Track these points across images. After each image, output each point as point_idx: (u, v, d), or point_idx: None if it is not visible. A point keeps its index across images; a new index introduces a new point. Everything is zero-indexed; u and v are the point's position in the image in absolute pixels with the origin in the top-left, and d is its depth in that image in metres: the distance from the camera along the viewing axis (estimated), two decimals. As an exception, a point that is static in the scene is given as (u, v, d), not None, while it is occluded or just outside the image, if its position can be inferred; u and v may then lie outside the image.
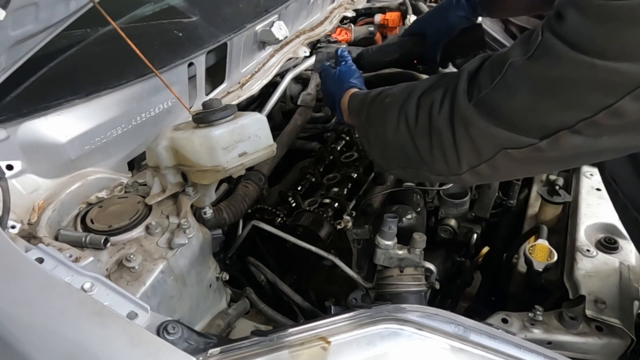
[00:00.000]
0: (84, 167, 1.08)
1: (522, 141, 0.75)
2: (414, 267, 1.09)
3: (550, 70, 0.69)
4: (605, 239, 1.28)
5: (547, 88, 0.70)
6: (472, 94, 0.79)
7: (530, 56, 0.71)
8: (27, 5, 0.75)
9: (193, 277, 1.03)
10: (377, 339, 0.70)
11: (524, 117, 0.74)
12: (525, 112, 0.74)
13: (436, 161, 0.87)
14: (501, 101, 0.76)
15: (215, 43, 1.31)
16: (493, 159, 0.79)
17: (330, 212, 1.29)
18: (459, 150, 0.82)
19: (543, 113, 0.72)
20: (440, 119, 0.83)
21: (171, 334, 0.69)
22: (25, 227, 0.94)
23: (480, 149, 0.80)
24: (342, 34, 2.00)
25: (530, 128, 0.74)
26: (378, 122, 0.99)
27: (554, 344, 1.08)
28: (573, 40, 0.65)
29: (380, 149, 1.01)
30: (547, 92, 0.70)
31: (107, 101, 1.07)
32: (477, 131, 0.79)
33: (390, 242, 1.08)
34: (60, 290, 0.70)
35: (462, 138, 0.81)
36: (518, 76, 0.73)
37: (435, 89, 0.87)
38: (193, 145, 0.96)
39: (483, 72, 0.80)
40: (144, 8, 1.32)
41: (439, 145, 0.85)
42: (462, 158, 0.83)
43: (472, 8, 1.29)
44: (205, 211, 1.12)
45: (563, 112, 0.70)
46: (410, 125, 0.89)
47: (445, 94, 0.84)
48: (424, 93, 0.89)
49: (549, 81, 0.70)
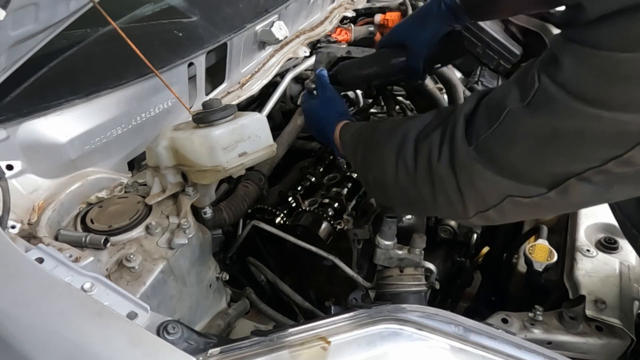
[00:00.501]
0: (84, 167, 1.08)
1: (529, 191, 0.72)
2: (414, 267, 1.09)
3: (551, 120, 0.66)
4: (605, 239, 1.28)
5: (550, 138, 0.67)
6: (471, 138, 0.76)
7: (528, 103, 0.68)
8: (27, 5, 0.75)
9: (193, 277, 1.03)
10: (377, 339, 0.70)
11: (528, 166, 0.71)
12: (529, 161, 0.71)
13: (442, 206, 0.84)
14: (502, 149, 0.73)
15: (215, 43, 1.31)
16: (500, 205, 0.77)
17: (330, 212, 1.29)
18: (464, 197, 0.79)
19: (548, 163, 0.69)
20: (440, 166, 0.80)
21: (171, 334, 0.69)
22: (25, 227, 0.94)
23: (485, 196, 0.77)
24: (342, 34, 2.00)
25: (536, 177, 0.71)
26: (375, 166, 0.95)
27: (554, 344, 1.08)
28: (575, 90, 0.62)
29: (381, 190, 0.97)
30: (550, 141, 0.67)
31: (107, 101, 1.07)
32: (482, 180, 0.76)
33: (390, 242, 1.08)
34: (60, 290, 0.70)
35: (466, 185, 0.78)
36: (518, 124, 0.70)
37: (431, 132, 0.83)
38: (193, 145, 0.96)
39: (480, 115, 0.76)
40: (144, 8, 1.32)
41: (443, 191, 0.81)
42: (468, 204, 0.80)
43: (454, 14, 1.18)
44: (205, 211, 1.12)
45: (570, 162, 0.67)
46: (410, 172, 0.86)
47: (443, 139, 0.80)
48: (420, 137, 0.85)
49: (552, 131, 0.66)
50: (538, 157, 0.69)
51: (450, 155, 0.78)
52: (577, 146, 0.65)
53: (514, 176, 0.72)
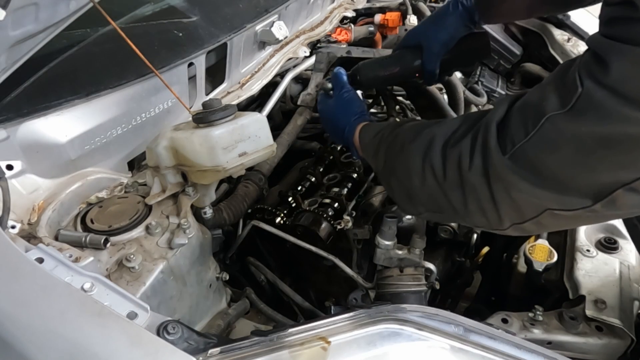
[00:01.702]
0: (84, 167, 1.08)
1: (572, 203, 0.68)
2: (414, 267, 1.09)
3: (598, 126, 0.61)
4: (605, 239, 1.28)
5: (596, 145, 0.63)
6: (505, 146, 0.71)
7: (570, 108, 0.63)
8: (27, 5, 0.75)
9: (193, 277, 1.03)
10: (377, 339, 0.70)
11: (571, 177, 0.67)
12: (572, 171, 0.66)
13: (473, 215, 0.80)
14: (541, 158, 0.68)
15: (215, 43, 1.31)
16: (538, 217, 0.73)
17: (330, 212, 1.29)
18: (499, 209, 0.75)
19: (594, 172, 0.65)
20: (473, 174, 0.75)
21: (171, 334, 0.69)
22: (25, 227, 0.94)
23: (522, 208, 0.73)
24: (342, 34, 2.00)
25: (580, 188, 0.67)
26: (400, 170, 0.91)
27: (554, 344, 1.08)
28: (627, 94, 0.58)
29: (405, 194, 0.94)
30: (596, 149, 0.63)
31: (107, 101, 1.07)
32: (518, 192, 0.71)
33: (390, 242, 1.08)
34: (60, 290, 0.70)
35: (502, 197, 0.74)
36: (559, 132, 0.65)
37: (461, 139, 0.79)
38: (193, 145, 0.96)
39: (513, 121, 0.72)
40: (144, 8, 1.32)
41: (475, 200, 0.77)
42: (503, 216, 0.76)
43: (470, 15, 1.17)
44: (205, 211, 1.12)
45: (618, 172, 0.63)
46: (439, 178, 0.82)
47: (474, 147, 0.76)
48: (448, 143, 0.81)
49: (599, 138, 0.62)
50: (582, 167, 0.65)
51: (483, 164, 0.74)
52: (626, 154, 0.62)
53: (554, 188, 0.68)
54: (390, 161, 0.95)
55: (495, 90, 1.92)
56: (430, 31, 1.21)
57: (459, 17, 1.17)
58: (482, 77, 1.94)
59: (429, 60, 1.21)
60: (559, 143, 0.66)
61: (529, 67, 1.99)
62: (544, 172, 0.69)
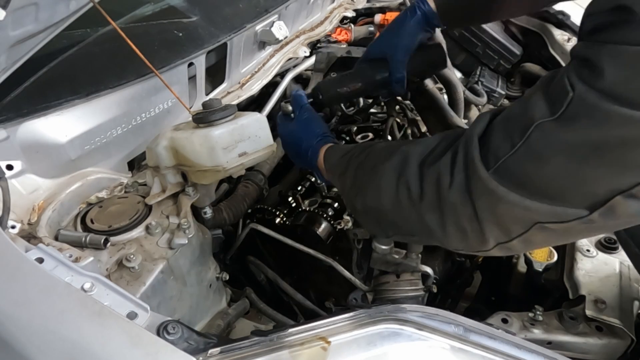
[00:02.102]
0: (84, 167, 1.08)
1: (566, 214, 0.64)
2: (411, 272, 1.09)
3: (593, 131, 0.59)
4: (606, 239, 1.28)
5: (590, 152, 0.60)
6: (488, 161, 0.68)
7: (560, 115, 0.61)
8: (27, 5, 0.75)
9: (193, 277, 1.03)
10: (377, 339, 0.70)
11: (564, 186, 0.64)
12: (565, 180, 0.63)
13: (451, 237, 0.77)
14: (530, 169, 0.65)
15: (215, 43, 1.31)
16: (526, 233, 0.69)
17: (330, 212, 1.29)
18: (483, 227, 0.72)
19: (589, 180, 0.62)
20: (453, 192, 0.72)
21: (171, 334, 0.69)
22: (25, 227, 0.94)
23: (509, 224, 0.70)
24: (342, 34, 2.00)
25: (574, 198, 0.64)
26: (369, 190, 0.87)
27: (554, 344, 1.08)
28: (622, 95, 0.56)
29: (373, 217, 0.90)
30: (590, 156, 0.60)
31: (107, 101, 1.07)
32: (505, 206, 0.68)
33: (387, 247, 1.08)
34: (60, 290, 0.70)
35: (486, 214, 0.70)
36: (549, 141, 0.63)
37: (440, 157, 0.75)
38: (193, 145, 0.96)
39: (495, 134, 0.69)
40: (144, 8, 1.32)
41: (455, 221, 0.74)
42: (487, 235, 0.72)
43: (428, 20, 1.15)
44: (205, 211, 1.12)
45: (615, 178, 0.60)
46: (414, 198, 0.78)
47: (454, 163, 0.72)
48: (426, 162, 0.78)
49: (593, 144, 0.59)
50: (576, 175, 0.62)
51: (465, 180, 0.71)
52: (624, 158, 0.59)
53: (545, 199, 0.65)
54: (359, 181, 0.91)
55: (495, 90, 1.92)
56: (393, 40, 1.18)
57: (418, 22, 1.16)
58: (482, 77, 1.94)
59: (396, 68, 1.18)
60: (550, 152, 0.63)
61: (529, 67, 1.99)
62: (533, 184, 0.66)
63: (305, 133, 1.10)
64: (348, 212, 1.29)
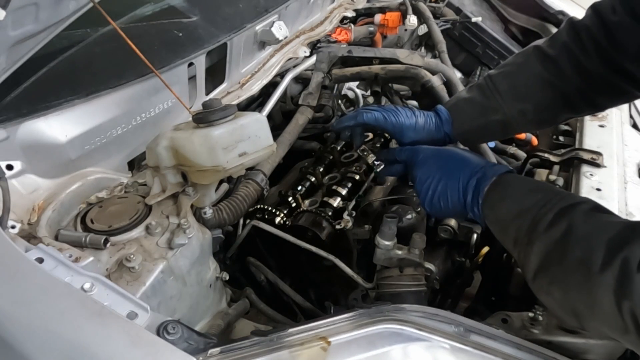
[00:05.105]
0: (84, 167, 1.08)
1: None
2: (414, 267, 1.09)
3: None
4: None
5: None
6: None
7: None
8: (27, 5, 0.75)
9: (193, 277, 1.03)
10: (377, 339, 0.70)
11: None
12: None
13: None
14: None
15: (215, 43, 1.31)
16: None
17: (330, 212, 1.29)
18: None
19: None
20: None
21: (171, 334, 0.69)
22: (25, 227, 0.94)
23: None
24: (342, 34, 2.00)
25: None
26: (574, 294, 0.72)
27: (554, 344, 1.08)
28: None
29: (571, 311, 0.76)
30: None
31: (107, 101, 1.07)
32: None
33: (390, 243, 1.08)
34: (60, 290, 0.70)
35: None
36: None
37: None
38: (193, 145, 0.96)
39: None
40: (144, 8, 1.32)
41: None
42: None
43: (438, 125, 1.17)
44: (205, 211, 1.12)
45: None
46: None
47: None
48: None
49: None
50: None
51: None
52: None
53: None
54: (555, 275, 0.75)
55: (495, 90, 1.92)
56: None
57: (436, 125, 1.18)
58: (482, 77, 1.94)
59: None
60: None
61: (529, 67, 1.99)
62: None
63: (450, 173, 0.98)
64: (348, 212, 1.29)
